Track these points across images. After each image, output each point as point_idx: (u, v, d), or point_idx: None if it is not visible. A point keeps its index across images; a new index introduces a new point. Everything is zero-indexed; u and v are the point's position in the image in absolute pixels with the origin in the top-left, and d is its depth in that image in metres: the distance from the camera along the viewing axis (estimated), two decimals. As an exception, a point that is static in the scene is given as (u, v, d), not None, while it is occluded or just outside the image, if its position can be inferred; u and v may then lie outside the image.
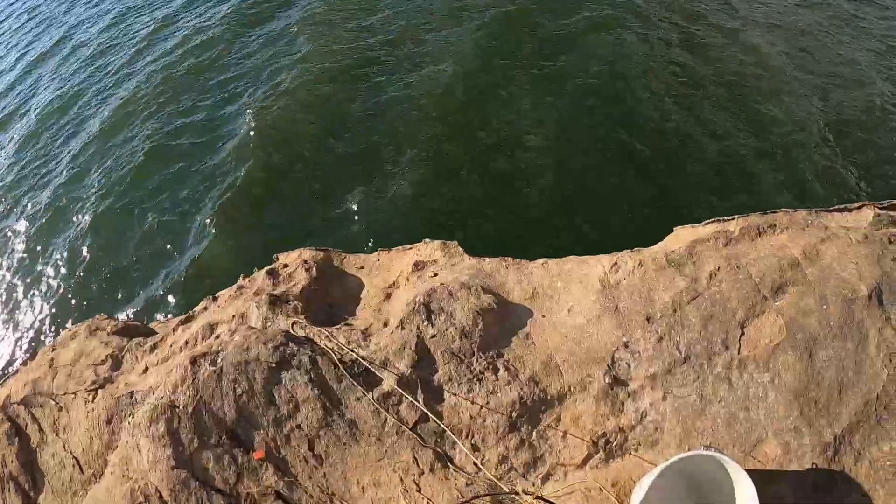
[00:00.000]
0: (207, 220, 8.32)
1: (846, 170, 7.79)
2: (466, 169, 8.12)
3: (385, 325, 3.07)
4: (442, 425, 2.84)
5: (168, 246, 8.45)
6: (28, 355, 7.64)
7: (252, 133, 9.39)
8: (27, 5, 18.09)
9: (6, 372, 7.52)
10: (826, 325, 3.20)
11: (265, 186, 8.56)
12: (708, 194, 7.30)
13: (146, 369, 3.64)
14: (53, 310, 8.35)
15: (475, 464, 3.00)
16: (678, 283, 3.03)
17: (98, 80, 12.49)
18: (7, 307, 8.70)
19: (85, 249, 8.83)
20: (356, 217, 7.86)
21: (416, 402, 2.86)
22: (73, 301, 8.33)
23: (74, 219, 9.37)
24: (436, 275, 3.06)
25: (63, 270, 8.72)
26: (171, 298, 7.73)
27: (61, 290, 8.50)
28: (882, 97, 8.89)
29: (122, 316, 7.62)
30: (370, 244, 7.24)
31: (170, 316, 7.01)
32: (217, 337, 3.41)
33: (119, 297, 8.13)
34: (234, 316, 3.37)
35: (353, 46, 10.87)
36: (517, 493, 2.48)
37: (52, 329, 8.10)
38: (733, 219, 3.29)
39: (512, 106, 8.98)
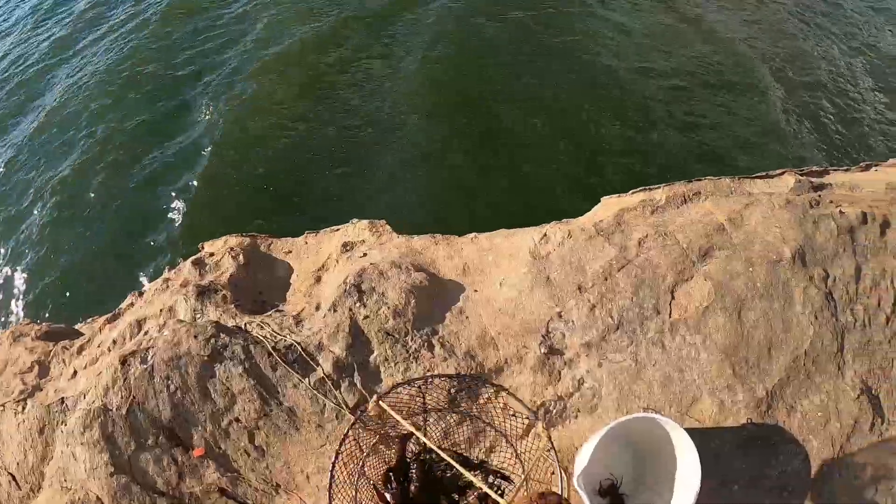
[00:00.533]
0: (174, 213, 7.90)
1: (809, 153, 8.12)
2: (449, 152, 7.96)
3: (317, 308, 3.01)
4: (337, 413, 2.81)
5: (128, 247, 7.98)
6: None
7: (214, 124, 8.86)
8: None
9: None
10: (753, 287, 3.30)
11: (234, 176, 8.12)
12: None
13: (75, 373, 3.48)
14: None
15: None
16: (608, 251, 3.06)
17: (28, 66, 11.58)
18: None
19: (33, 253, 8.30)
20: (335, 207, 7.55)
21: (327, 398, 2.81)
22: (21, 306, 7.86)
23: (20, 221, 8.80)
24: (365, 255, 3.01)
25: (7, 272, 8.23)
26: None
27: (8, 296, 8.04)
28: (833, 77, 9.32)
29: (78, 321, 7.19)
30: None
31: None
32: (146, 333, 3.29)
33: (76, 300, 7.67)
34: (161, 310, 3.26)
35: (319, 24, 10.35)
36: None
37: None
38: (659, 187, 3.35)
39: (496, 87, 8.89)
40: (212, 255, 3.29)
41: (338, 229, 3.21)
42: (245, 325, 3.10)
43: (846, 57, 9.83)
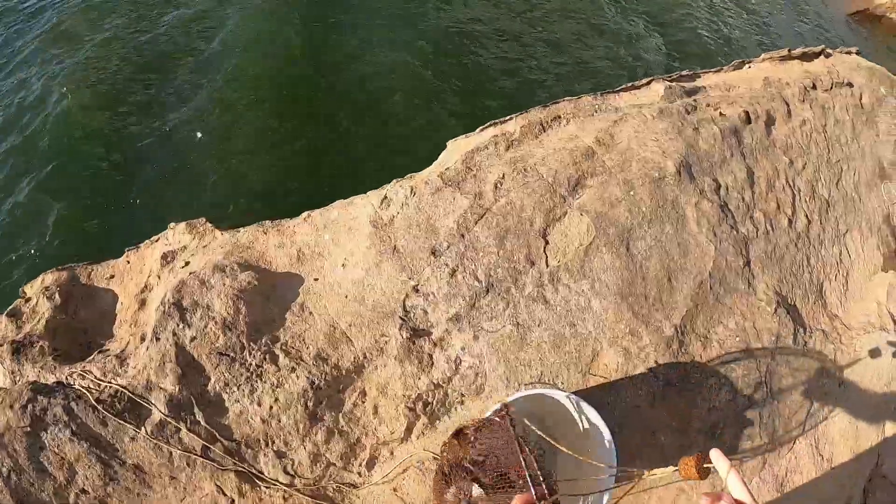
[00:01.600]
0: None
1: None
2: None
3: (142, 339, 2.56)
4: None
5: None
6: None
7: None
8: None
9: None
10: (638, 213, 2.94)
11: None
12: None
13: None
14: None
15: (286, 471, 2.54)
16: (460, 202, 2.67)
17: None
18: None
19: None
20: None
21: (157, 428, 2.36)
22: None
23: None
24: (188, 263, 2.58)
25: None
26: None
27: None
28: None
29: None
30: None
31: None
32: (-36, 413, 2.80)
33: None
34: (-24, 382, 2.78)
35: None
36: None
37: None
38: (511, 118, 2.97)
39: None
40: (28, 300, 2.83)
41: (157, 239, 2.77)
42: (66, 377, 2.63)
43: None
